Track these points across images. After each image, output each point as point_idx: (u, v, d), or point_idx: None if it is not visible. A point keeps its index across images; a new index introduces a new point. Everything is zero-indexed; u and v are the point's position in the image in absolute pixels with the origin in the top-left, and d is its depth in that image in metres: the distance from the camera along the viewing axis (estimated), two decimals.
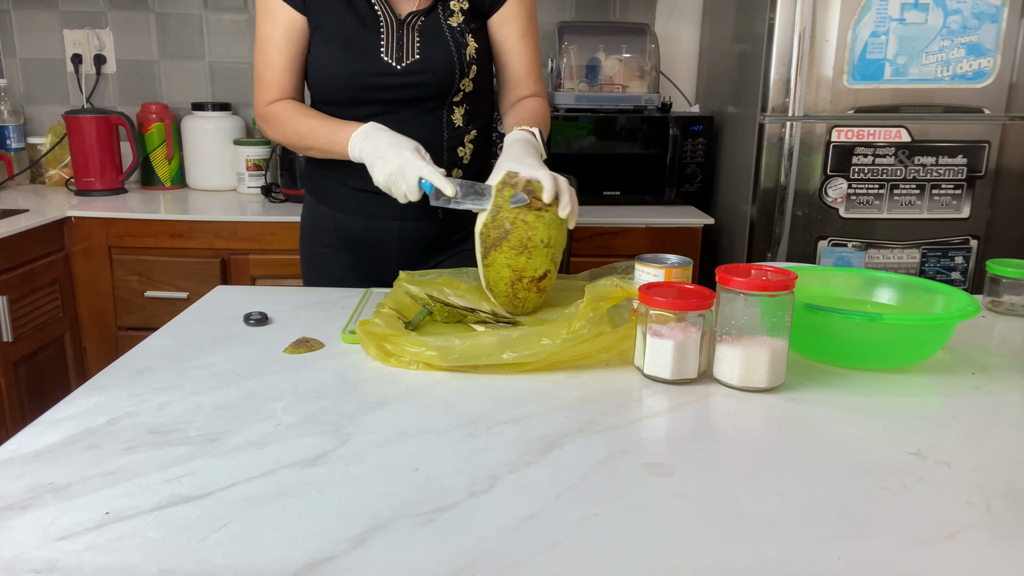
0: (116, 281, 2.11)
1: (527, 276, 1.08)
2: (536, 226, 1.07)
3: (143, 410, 0.85)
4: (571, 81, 2.39)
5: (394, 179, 1.15)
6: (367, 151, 1.19)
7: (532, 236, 1.07)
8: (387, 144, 1.17)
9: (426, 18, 1.29)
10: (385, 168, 1.15)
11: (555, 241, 1.09)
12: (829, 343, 1.01)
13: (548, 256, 1.09)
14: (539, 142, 1.22)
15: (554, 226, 1.09)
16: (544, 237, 1.08)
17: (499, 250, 1.08)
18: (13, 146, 2.49)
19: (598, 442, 0.79)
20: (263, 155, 2.40)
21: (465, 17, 1.31)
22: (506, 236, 1.07)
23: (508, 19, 1.34)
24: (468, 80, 1.31)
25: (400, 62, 1.27)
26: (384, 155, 1.16)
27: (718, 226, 2.30)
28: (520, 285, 1.09)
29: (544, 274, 1.09)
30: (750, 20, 2.13)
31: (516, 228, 1.07)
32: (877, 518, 0.66)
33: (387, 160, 1.15)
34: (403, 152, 1.15)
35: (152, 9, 2.55)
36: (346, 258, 1.42)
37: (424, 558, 0.60)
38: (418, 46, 1.28)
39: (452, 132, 1.34)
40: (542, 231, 1.07)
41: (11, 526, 0.63)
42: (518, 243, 1.07)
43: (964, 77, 1.97)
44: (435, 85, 1.29)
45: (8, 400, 1.87)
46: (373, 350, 0.99)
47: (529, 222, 1.07)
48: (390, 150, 1.16)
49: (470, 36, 1.31)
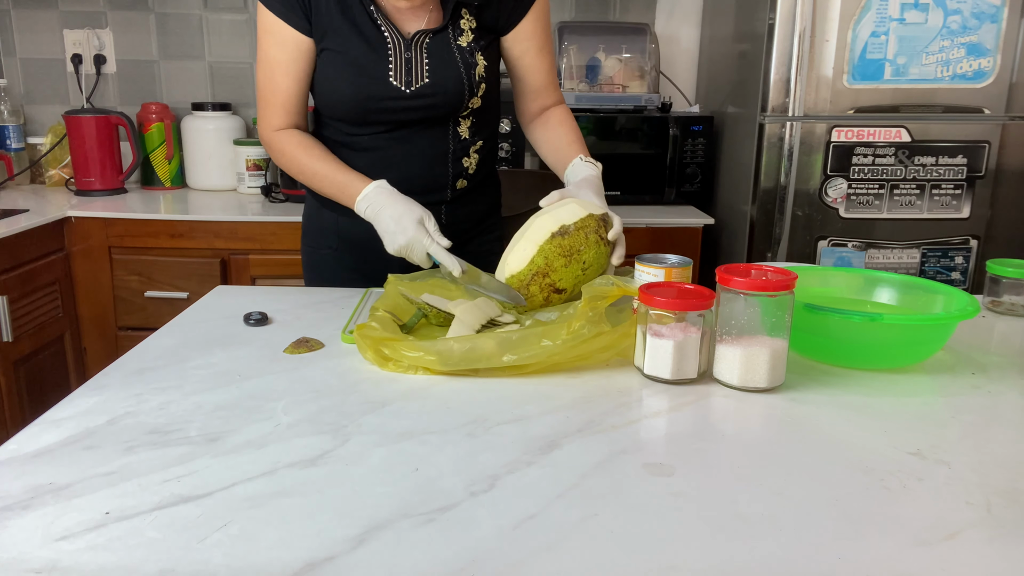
0: (116, 281, 2.11)
1: (551, 278, 1.10)
2: (592, 245, 1.11)
3: (143, 410, 0.85)
4: (571, 81, 2.39)
5: (405, 253, 1.20)
6: (373, 219, 1.23)
7: (583, 251, 1.10)
8: (390, 217, 1.19)
9: (434, 38, 1.27)
10: (393, 244, 1.20)
11: (591, 272, 1.12)
12: (829, 343, 1.01)
13: (577, 277, 1.11)
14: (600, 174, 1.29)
15: (601, 259, 1.13)
16: (588, 260, 1.11)
17: (550, 240, 1.10)
18: (13, 146, 2.49)
19: (598, 442, 0.79)
20: (263, 155, 2.40)
21: (475, 35, 1.29)
22: (565, 234, 1.09)
23: (526, 36, 1.34)
24: (477, 98, 1.31)
25: (409, 86, 1.26)
26: (390, 230, 1.19)
27: (718, 226, 2.30)
28: (538, 280, 1.10)
29: (563, 289, 1.12)
30: (750, 20, 2.13)
31: (577, 235, 1.10)
32: (877, 518, 0.66)
33: (394, 236, 1.19)
34: (407, 228, 1.18)
35: (152, 9, 2.55)
36: (348, 260, 1.42)
37: (424, 558, 0.60)
38: (427, 69, 1.26)
39: (458, 144, 1.34)
40: (590, 254, 1.11)
41: (11, 526, 0.63)
42: (568, 246, 1.09)
43: (964, 77, 1.97)
44: (444, 107, 1.29)
45: (8, 400, 1.87)
46: (371, 355, 0.98)
47: (589, 239, 1.11)
48: (395, 225, 1.19)
49: (479, 55, 1.29)
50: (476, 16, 1.29)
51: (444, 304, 1.09)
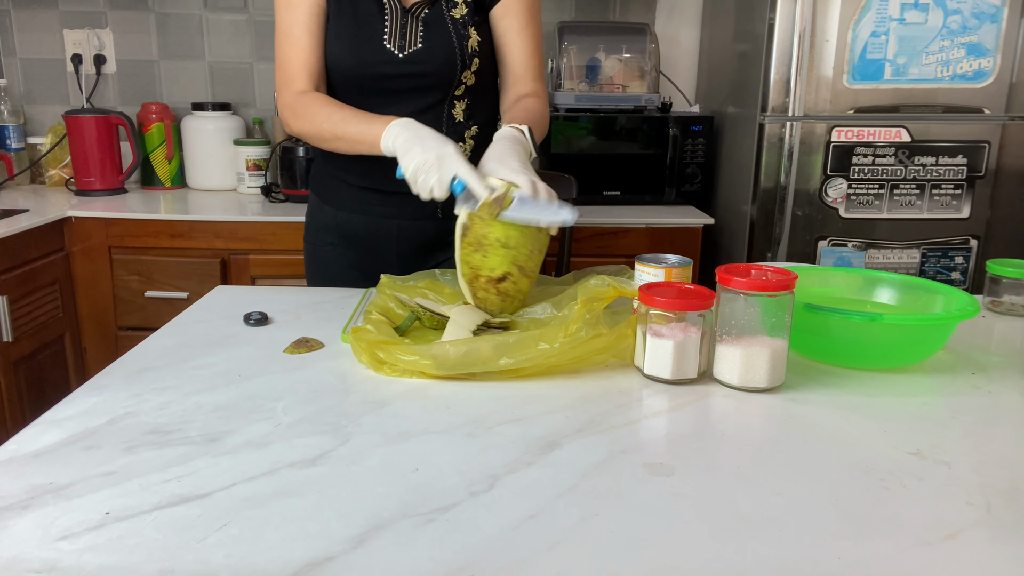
0: (116, 281, 2.11)
1: (483, 275, 1.07)
2: (493, 225, 1.05)
3: (143, 410, 0.85)
4: (571, 81, 2.39)
5: (427, 168, 1.08)
6: (405, 138, 1.13)
7: (487, 234, 1.06)
8: (430, 135, 1.12)
9: (430, 9, 1.30)
10: (423, 155, 1.09)
11: (516, 243, 1.06)
12: (829, 343, 1.01)
13: (506, 257, 1.06)
14: (528, 141, 1.19)
15: (514, 227, 1.06)
16: (500, 236, 1.05)
17: (460, 246, 1.08)
18: (13, 146, 2.49)
19: (598, 442, 0.79)
20: (263, 155, 2.40)
21: (469, 9, 1.31)
22: (464, 232, 1.07)
23: (508, 11, 1.34)
24: (470, 73, 1.31)
25: (402, 50, 1.28)
26: (425, 143, 1.10)
27: (718, 226, 2.30)
28: (478, 284, 1.08)
29: (503, 276, 1.07)
30: (750, 20, 2.13)
31: (473, 225, 1.06)
32: (877, 518, 0.66)
33: (427, 148, 1.09)
34: (447, 145, 1.09)
35: (152, 9, 2.55)
36: (348, 257, 1.42)
37: (424, 558, 0.60)
38: (421, 35, 1.29)
39: (452, 127, 1.34)
40: (498, 231, 1.05)
41: (11, 526, 0.63)
42: (474, 239, 1.07)
43: (964, 77, 1.97)
44: (436, 75, 1.30)
45: (8, 400, 1.87)
46: (366, 358, 0.97)
47: (485, 220, 1.05)
48: (433, 140, 1.10)
49: (472, 28, 1.31)
50: None
51: (438, 307, 1.08)
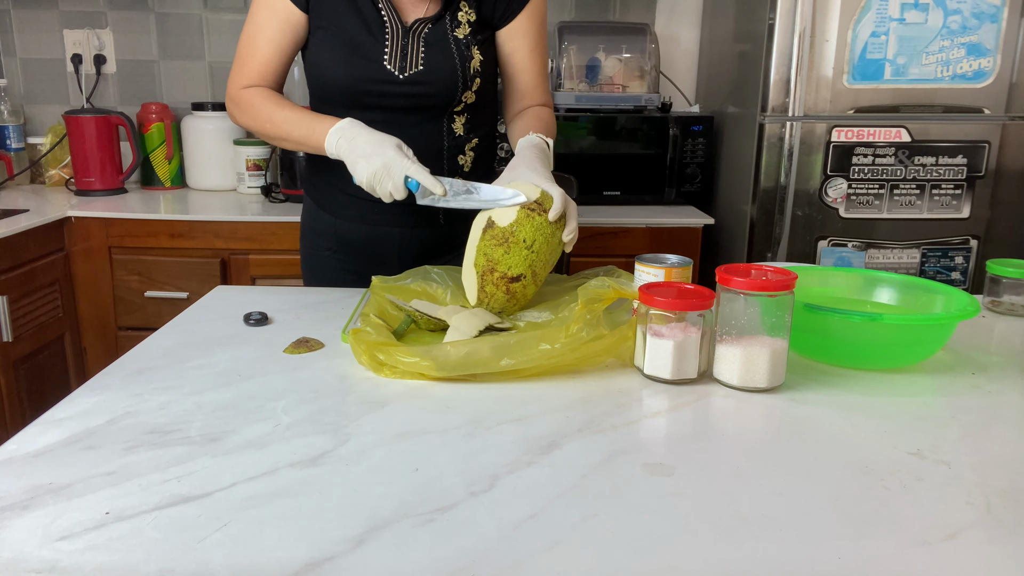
0: (116, 281, 2.11)
1: (499, 270, 1.08)
2: (523, 224, 1.07)
3: (143, 410, 0.85)
4: (571, 81, 2.39)
5: (379, 178, 1.11)
6: (345, 149, 1.15)
7: (516, 232, 1.07)
8: (367, 142, 1.13)
9: (432, 27, 1.27)
10: (369, 167, 1.11)
11: (539, 248, 1.07)
12: (829, 343, 1.01)
13: (526, 259, 1.07)
14: (550, 152, 1.22)
15: (542, 232, 1.07)
16: (527, 237, 1.07)
17: (483, 238, 1.08)
18: (13, 146, 2.49)
19: (598, 442, 0.79)
20: (263, 155, 2.40)
21: (472, 28, 1.29)
22: (492, 225, 1.08)
23: (519, 33, 1.33)
24: (471, 92, 1.30)
25: (403, 71, 1.26)
26: (366, 153, 1.12)
27: (718, 226, 2.30)
28: (490, 278, 1.09)
29: (518, 276, 1.08)
30: (750, 20, 2.13)
31: (502, 221, 1.08)
32: (877, 518, 0.66)
33: (370, 159, 1.11)
34: (386, 150, 1.11)
35: (152, 9, 2.54)
36: (347, 262, 1.41)
37: (424, 558, 0.60)
38: (422, 56, 1.26)
39: (453, 140, 1.33)
40: (527, 231, 1.07)
41: (11, 526, 0.63)
42: (500, 234, 1.07)
43: (964, 77, 1.97)
44: (437, 96, 1.28)
45: (8, 400, 1.87)
46: (365, 360, 0.96)
47: (518, 219, 1.07)
48: (371, 148, 1.12)
49: (476, 49, 1.29)
50: (476, 9, 1.30)
51: (435, 310, 1.08)
